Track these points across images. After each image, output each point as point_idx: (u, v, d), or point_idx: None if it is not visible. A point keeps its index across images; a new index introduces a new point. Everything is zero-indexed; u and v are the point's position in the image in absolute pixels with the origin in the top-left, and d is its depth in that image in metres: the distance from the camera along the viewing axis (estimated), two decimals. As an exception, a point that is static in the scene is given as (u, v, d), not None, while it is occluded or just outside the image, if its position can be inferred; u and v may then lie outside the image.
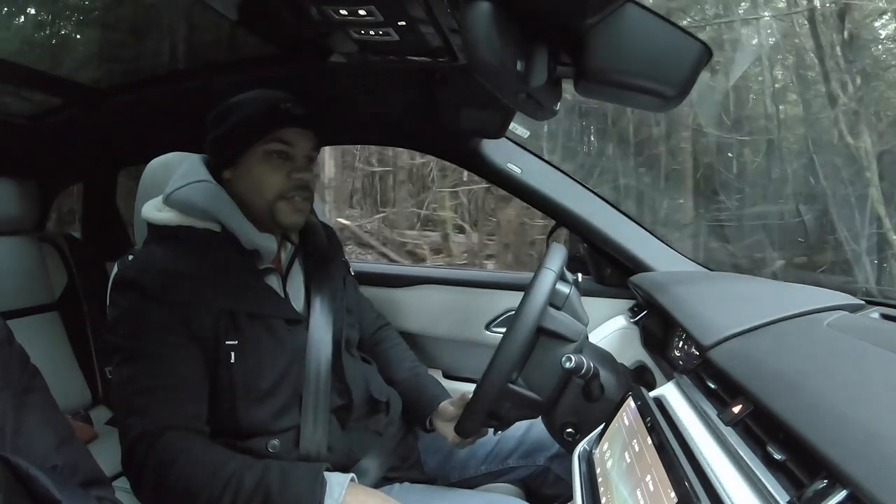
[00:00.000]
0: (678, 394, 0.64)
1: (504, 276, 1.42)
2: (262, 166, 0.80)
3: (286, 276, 0.86)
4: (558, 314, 0.79)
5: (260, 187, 0.80)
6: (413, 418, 0.97)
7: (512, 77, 0.55)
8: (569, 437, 0.79)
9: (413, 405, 0.96)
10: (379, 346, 1.04)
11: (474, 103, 1.02)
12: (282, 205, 0.81)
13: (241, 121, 0.79)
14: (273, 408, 0.77)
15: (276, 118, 0.79)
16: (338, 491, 0.66)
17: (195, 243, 0.78)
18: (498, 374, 0.75)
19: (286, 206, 0.81)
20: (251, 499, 0.65)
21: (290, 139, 0.80)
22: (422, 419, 0.94)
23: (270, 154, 0.80)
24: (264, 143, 0.79)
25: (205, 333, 0.74)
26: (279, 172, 0.80)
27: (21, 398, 0.47)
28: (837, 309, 0.74)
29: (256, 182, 0.80)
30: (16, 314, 1.25)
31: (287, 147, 0.80)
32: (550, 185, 1.21)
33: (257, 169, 0.80)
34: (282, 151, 0.80)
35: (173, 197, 0.79)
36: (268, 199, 0.80)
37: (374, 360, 0.99)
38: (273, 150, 0.80)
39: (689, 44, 0.56)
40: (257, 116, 0.79)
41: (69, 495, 0.39)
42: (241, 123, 0.79)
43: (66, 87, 1.25)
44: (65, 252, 1.40)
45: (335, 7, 0.69)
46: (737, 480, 0.45)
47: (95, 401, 1.39)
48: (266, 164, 0.80)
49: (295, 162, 0.81)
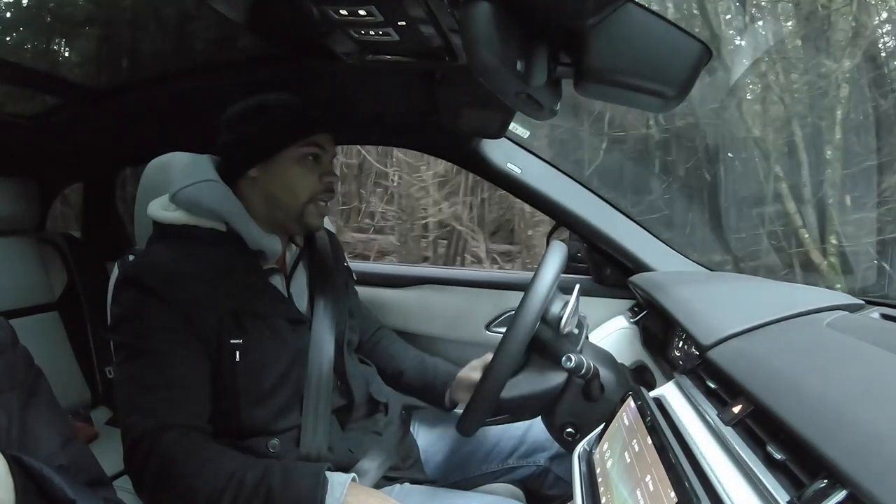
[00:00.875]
0: (678, 394, 0.64)
1: (504, 276, 1.42)
2: (296, 168, 0.82)
3: (290, 276, 0.87)
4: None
5: (294, 189, 0.82)
6: (432, 399, 0.97)
7: (512, 77, 0.55)
8: (569, 437, 0.79)
9: (429, 386, 0.96)
10: (379, 344, 1.05)
11: (474, 103, 1.03)
12: (311, 207, 0.83)
13: (275, 122, 0.81)
14: (274, 407, 0.77)
15: (312, 122, 0.82)
16: (339, 491, 0.65)
17: (200, 242, 0.79)
18: (499, 372, 0.75)
19: (314, 208, 0.84)
20: (252, 498, 0.65)
21: (323, 143, 0.83)
22: (441, 397, 0.95)
23: (305, 157, 0.82)
24: (301, 147, 0.81)
25: (209, 333, 0.74)
26: (312, 175, 0.83)
27: (26, 399, 0.47)
28: (837, 309, 0.74)
29: (290, 183, 0.82)
30: (16, 314, 1.25)
31: (320, 151, 0.83)
32: (550, 185, 1.21)
33: (292, 171, 0.82)
34: (315, 155, 0.82)
35: (180, 195, 0.79)
36: (300, 201, 0.82)
37: (376, 359, 0.99)
38: (308, 153, 0.82)
39: (689, 44, 0.57)
40: (294, 119, 0.81)
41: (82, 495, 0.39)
42: (275, 124, 0.81)
43: (66, 87, 1.25)
44: (65, 252, 1.40)
45: (335, 7, 0.70)
46: (737, 480, 0.45)
47: (95, 401, 1.40)
48: (300, 167, 0.82)
49: (324, 165, 0.84)
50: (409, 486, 0.85)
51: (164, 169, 0.94)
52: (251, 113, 0.82)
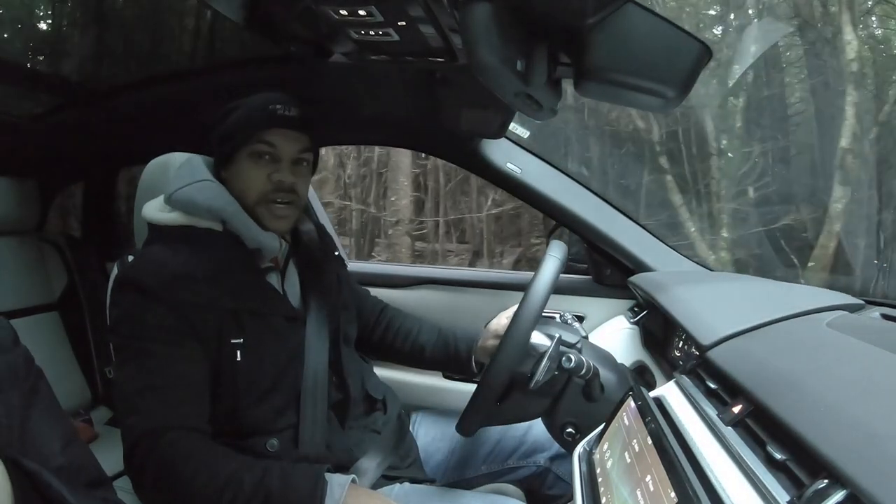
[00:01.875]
0: (678, 394, 0.64)
1: (504, 276, 1.42)
2: (248, 168, 0.81)
3: (284, 273, 0.86)
4: None
5: (245, 189, 0.81)
6: (458, 369, 0.98)
7: (512, 77, 0.55)
8: (569, 437, 0.79)
9: (454, 358, 0.97)
10: (391, 322, 1.03)
11: (474, 103, 1.02)
12: (262, 209, 0.81)
13: (233, 122, 0.80)
14: (273, 406, 0.77)
15: (262, 120, 0.79)
16: (338, 492, 0.65)
17: (197, 243, 0.79)
18: (498, 373, 0.75)
19: (266, 211, 0.81)
20: (251, 499, 0.65)
21: (274, 141, 0.80)
22: (466, 366, 0.95)
23: (254, 155, 0.80)
24: (250, 145, 0.80)
25: (209, 333, 0.74)
26: (261, 174, 0.81)
27: (26, 399, 0.47)
28: (837, 309, 0.74)
29: (243, 183, 0.81)
30: (16, 314, 1.25)
31: (270, 149, 0.80)
32: (550, 185, 1.21)
33: (244, 170, 0.81)
34: (266, 153, 0.80)
35: (176, 196, 0.79)
36: (250, 202, 0.81)
37: (393, 337, 1.00)
38: (257, 152, 0.80)
39: (689, 44, 0.57)
40: (247, 118, 0.80)
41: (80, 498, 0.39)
42: (233, 124, 0.80)
43: (66, 87, 1.25)
44: (65, 252, 1.40)
45: (335, 7, 0.69)
46: (737, 480, 0.45)
47: (95, 401, 1.40)
48: (251, 166, 0.81)
49: (279, 164, 0.81)
50: (409, 486, 0.85)
51: (164, 169, 0.94)
52: (223, 115, 0.82)
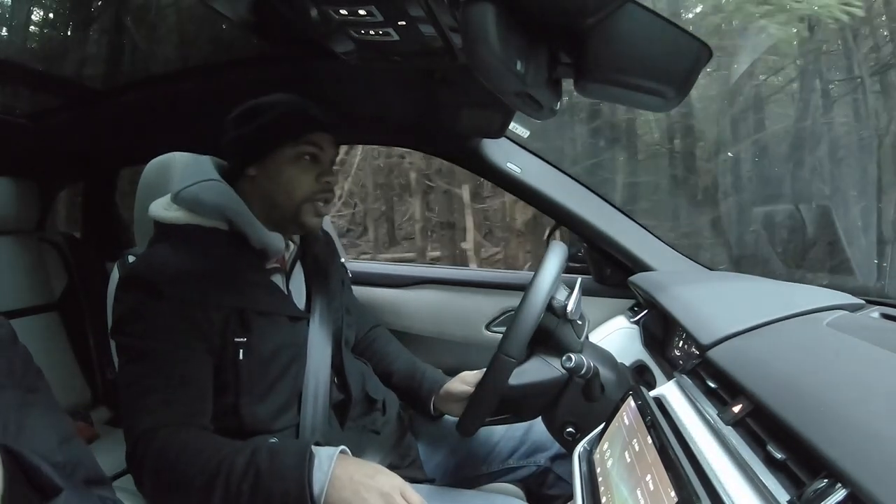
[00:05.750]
0: (678, 393, 0.64)
1: (504, 276, 1.42)
2: (292, 168, 0.81)
3: (289, 274, 0.87)
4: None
5: (288, 188, 0.81)
6: (417, 406, 0.96)
7: (512, 77, 0.55)
8: (569, 437, 0.79)
9: (414, 392, 0.96)
10: (374, 343, 1.04)
11: (474, 103, 1.03)
12: (307, 207, 0.83)
13: (271, 121, 0.81)
14: (274, 405, 0.77)
15: (308, 122, 0.81)
16: (327, 464, 0.65)
17: (202, 242, 0.79)
18: (499, 373, 0.75)
19: (311, 208, 0.83)
20: (242, 480, 0.64)
21: (320, 143, 0.82)
22: (425, 404, 0.94)
23: (301, 156, 0.81)
24: (296, 146, 0.81)
25: (213, 332, 0.74)
26: (308, 175, 0.82)
27: (25, 397, 0.47)
28: (837, 308, 0.74)
29: (285, 183, 0.81)
30: (16, 314, 1.26)
31: (317, 150, 0.82)
32: (550, 184, 1.21)
33: (287, 170, 0.81)
34: (312, 154, 0.82)
35: (182, 195, 0.79)
36: (295, 201, 0.82)
37: (370, 358, 0.99)
38: (304, 153, 0.81)
39: (689, 44, 0.56)
40: (290, 118, 0.81)
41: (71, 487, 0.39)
42: (271, 124, 0.81)
43: (66, 87, 1.25)
44: (65, 252, 1.40)
45: (335, 7, 0.70)
46: (737, 480, 0.45)
47: (95, 401, 1.40)
48: (296, 167, 0.81)
49: (322, 165, 0.83)
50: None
51: (164, 169, 0.94)
52: (250, 112, 0.82)
